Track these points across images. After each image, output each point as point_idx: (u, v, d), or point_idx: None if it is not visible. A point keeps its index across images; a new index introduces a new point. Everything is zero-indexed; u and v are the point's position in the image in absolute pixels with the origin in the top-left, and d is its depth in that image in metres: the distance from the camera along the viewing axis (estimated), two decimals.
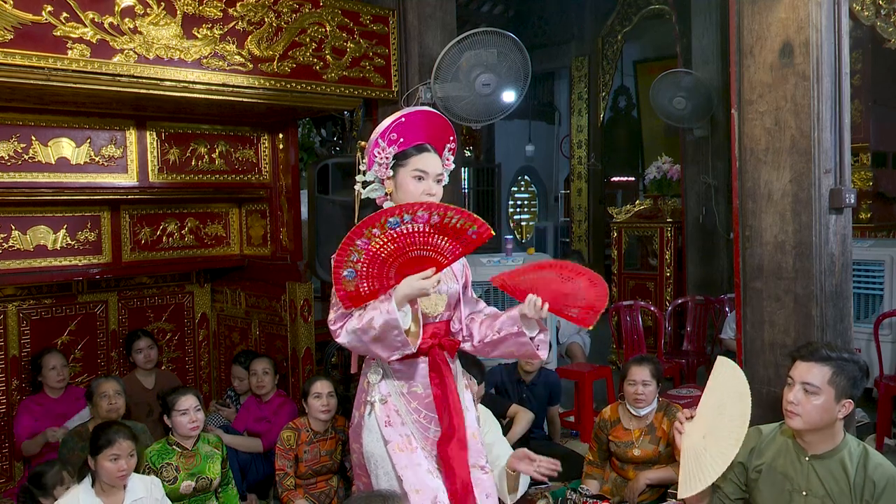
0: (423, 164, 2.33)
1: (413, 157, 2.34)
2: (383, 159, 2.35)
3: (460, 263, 2.46)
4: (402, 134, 2.34)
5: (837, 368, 2.36)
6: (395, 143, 2.34)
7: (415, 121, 2.36)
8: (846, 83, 3.23)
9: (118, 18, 3.33)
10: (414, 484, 2.26)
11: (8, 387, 4.25)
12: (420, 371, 2.36)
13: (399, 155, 2.35)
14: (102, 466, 2.91)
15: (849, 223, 3.30)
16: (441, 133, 2.42)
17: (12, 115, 3.79)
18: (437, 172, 2.35)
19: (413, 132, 2.35)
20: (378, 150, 2.35)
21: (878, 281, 5.31)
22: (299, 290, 4.57)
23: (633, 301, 5.86)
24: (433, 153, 2.37)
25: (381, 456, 2.33)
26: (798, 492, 2.43)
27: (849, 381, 2.36)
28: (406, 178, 2.34)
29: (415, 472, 2.28)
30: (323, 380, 3.79)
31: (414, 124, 2.35)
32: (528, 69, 4.29)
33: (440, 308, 2.38)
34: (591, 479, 3.65)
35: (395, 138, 2.34)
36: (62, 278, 4.27)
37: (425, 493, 2.26)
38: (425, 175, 2.33)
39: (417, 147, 2.35)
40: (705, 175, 6.71)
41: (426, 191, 2.33)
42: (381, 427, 2.33)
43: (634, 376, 3.55)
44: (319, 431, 3.76)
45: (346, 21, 4.19)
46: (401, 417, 2.35)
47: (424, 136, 2.37)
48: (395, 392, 2.37)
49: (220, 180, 4.63)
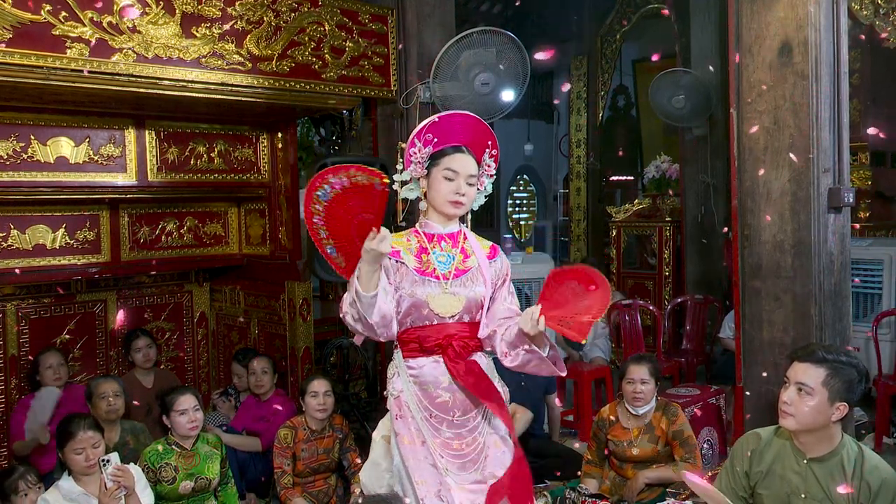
0: (454, 163, 2.36)
1: (445, 157, 2.37)
2: (418, 159, 2.39)
3: (492, 267, 2.44)
4: (437, 134, 2.37)
5: (833, 371, 2.35)
6: (430, 144, 2.38)
7: (450, 122, 2.39)
8: (845, 82, 3.24)
9: (117, 18, 3.33)
10: (418, 476, 2.28)
11: (7, 386, 4.25)
12: (430, 371, 2.36)
13: (434, 155, 2.39)
14: (69, 459, 2.98)
15: (847, 222, 3.30)
16: (478, 136, 2.43)
17: (11, 114, 3.79)
18: (468, 173, 2.37)
19: (448, 133, 2.38)
20: (414, 150, 2.38)
21: (877, 280, 5.31)
22: (298, 289, 4.57)
23: (632, 300, 5.86)
24: (467, 154, 2.39)
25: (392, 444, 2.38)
26: (797, 494, 2.42)
27: (844, 385, 2.35)
28: (437, 178, 2.37)
29: (419, 465, 2.30)
30: (320, 378, 3.81)
31: (449, 126, 2.38)
32: (527, 68, 4.29)
33: (456, 308, 2.35)
34: (590, 479, 3.65)
35: (430, 139, 2.37)
36: (61, 277, 4.27)
37: (430, 485, 2.27)
38: (455, 175, 2.35)
39: (451, 147, 2.38)
40: (704, 174, 6.72)
41: (456, 190, 2.35)
42: (392, 419, 2.37)
43: (633, 375, 3.55)
44: (317, 430, 3.77)
45: (344, 20, 4.19)
46: (411, 412, 2.36)
47: (459, 137, 2.40)
48: (407, 390, 2.38)
49: (219, 179, 4.63)
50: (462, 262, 2.40)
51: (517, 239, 12.49)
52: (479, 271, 2.39)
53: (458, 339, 2.36)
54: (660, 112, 6.65)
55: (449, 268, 2.37)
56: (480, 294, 2.39)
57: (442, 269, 2.36)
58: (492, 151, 2.46)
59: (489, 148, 2.45)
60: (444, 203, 2.38)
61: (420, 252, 2.38)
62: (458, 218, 2.47)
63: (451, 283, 2.35)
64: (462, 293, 2.36)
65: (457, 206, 2.38)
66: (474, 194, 2.42)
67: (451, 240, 2.42)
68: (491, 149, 2.46)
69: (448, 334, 2.35)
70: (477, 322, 2.42)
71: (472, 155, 2.41)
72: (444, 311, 2.34)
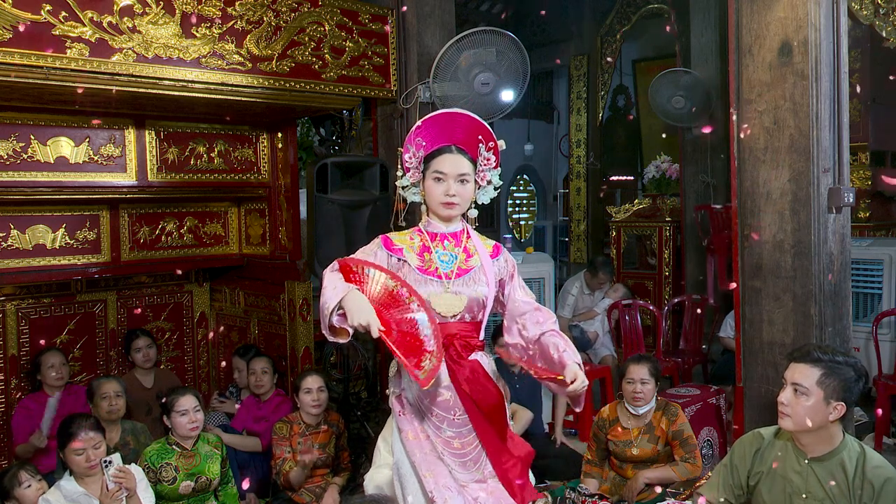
0: (441, 165, 2.36)
1: (435, 160, 2.38)
2: (413, 164, 2.41)
3: (496, 266, 2.44)
4: (426, 137, 2.38)
5: (828, 370, 2.36)
6: (421, 147, 2.39)
7: (437, 123, 2.39)
8: (845, 82, 3.24)
9: (117, 17, 3.33)
10: (425, 469, 2.29)
11: (7, 386, 4.25)
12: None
13: (425, 158, 2.40)
14: (70, 460, 2.99)
15: (847, 222, 3.30)
16: (468, 133, 2.41)
17: (11, 114, 3.79)
18: (458, 173, 2.36)
19: (436, 134, 2.39)
20: (408, 157, 2.41)
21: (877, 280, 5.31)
22: (298, 289, 4.57)
23: (632, 300, 5.86)
24: (456, 153, 2.38)
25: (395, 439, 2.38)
26: (798, 494, 2.43)
27: (840, 384, 2.36)
28: (429, 181, 2.38)
29: (426, 458, 2.30)
30: (314, 375, 3.84)
31: (436, 127, 2.39)
32: (526, 68, 4.29)
33: (457, 308, 2.36)
34: (590, 478, 3.65)
35: (420, 142, 2.39)
36: (61, 277, 4.27)
37: (438, 477, 2.28)
38: (444, 176, 2.35)
39: (439, 149, 2.38)
40: (704, 174, 6.72)
41: (445, 192, 2.36)
42: (395, 416, 2.38)
43: (633, 375, 3.55)
44: (312, 425, 3.82)
45: (344, 20, 4.19)
46: (413, 408, 2.37)
47: (447, 137, 2.39)
48: (409, 388, 2.38)
49: (219, 179, 4.63)
50: (464, 262, 2.40)
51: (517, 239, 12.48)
52: (481, 271, 2.40)
53: (459, 338, 2.36)
54: (660, 112, 6.65)
55: (451, 267, 2.37)
56: (482, 294, 2.39)
57: (444, 269, 2.36)
58: (488, 144, 2.43)
59: (483, 142, 2.43)
60: (437, 205, 2.39)
61: (423, 251, 2.38)
62: (460, 217, 2.47)
63: (453, 282, 2.36)
64: (464, 292, 2.36)
65: (448, 206, 2.38)
66: (469, 192, 2.40)
67: (454, 239, 2.42)
68: (486, 142, 2.43)
69: (449, 333, 2.35)
70: (478, 321, 2.42)
71: (464, 152, 2.39)
72: (445, 310, 2.35)
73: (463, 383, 2.32)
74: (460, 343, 2.36)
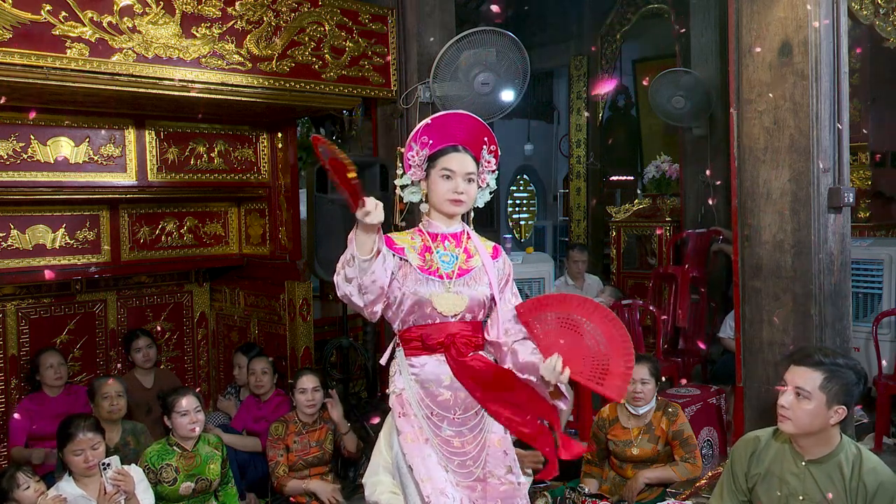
0: (450, 163, 2.37)
1: (442, 157, 2.39)
2: (417, 162, 2.41)
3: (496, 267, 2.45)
4: (433, 136, 2.40)
5: (830, 374, 2.35)
6: (426, 146, 2.40)
7: (444, 123, 2.41)
8: (845, 82, 3.24)
9: (117, 18, 3.33)
10: (423, 473, 2.28)
11: (7, 386, 4.25)
12: (432, 369, 2.36)
13: (431, 156, 2.41)
14: (69, 460, 2.99)
15: (847, 222, 3.30)
16: (474, 134, 2.44)
17: (11, 114, 3.79)
18: (466, 171, 2.38)
19: (443, 134, 2.40)
20: (412, 154, 2.41)
21: (877, 280, 5.31)
22: (298, 289, 4.58)
23: (632, 300, 5.86)
24: (463, 153, 2.40)
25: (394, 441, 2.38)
26: (795, 496, 2.42)
27: (842, 388, 2.34)
28: (435, 178, 2.39)
29: (424, 462, 2.30)
30: (309, 374, 3.86)
31: (443, 126, 2.40)
32: (526, 68, 4.29)
33: (459, 308, 2.36)
34: (590, 478, 3.65)
35: (426, 141, 2.39)
36: (61, 277, 4.27)
37: (435, 482, 2.27)
38: (453, 174, 2.37)
39: (446, 148, 2.40)
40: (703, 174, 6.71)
41: (454, 189, 2.37)
42: (395, 417, 2.38)
43: (633, 375, 3.54)
44: (308, 423, 3.84)
45: (344, 20, 4.19)
46: (413, 410, 2.36)
47: (454, 137, 2.41)
48: (409, 388, 2.38)
49: (219, 179, 4.63)
50: (465, 262, 2.41)
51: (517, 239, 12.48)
52: (482, 271, 2.41)
53: (460, 337, 2.37)
54: (660, 112, 6.65)
55: (452, 267, 2.38)
56: (483, 294, 2.40)
57: (445, 269, 2.37)
58: (490, 147, 2.47)
59: (486, 144, 2.47)
60: (443, 202, 2.39)
61: (424, 251, 2.39)
62: (461, 217, 2.48)
63: (454, 282, 2.36)
64: (465, 292, 2.37)
65: (456, 204, 2.39)
66: (474, 191, 2.43)
67: (455, 239, 2.43)
68: (489, 145, 2.47)
69: (450, 333, 2.36)
70: (479, 321, 2.43)
71: (469, 153, 2.42)
72: (447, 310, 2.35)
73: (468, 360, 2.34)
74: (461, 342, 2.36)
